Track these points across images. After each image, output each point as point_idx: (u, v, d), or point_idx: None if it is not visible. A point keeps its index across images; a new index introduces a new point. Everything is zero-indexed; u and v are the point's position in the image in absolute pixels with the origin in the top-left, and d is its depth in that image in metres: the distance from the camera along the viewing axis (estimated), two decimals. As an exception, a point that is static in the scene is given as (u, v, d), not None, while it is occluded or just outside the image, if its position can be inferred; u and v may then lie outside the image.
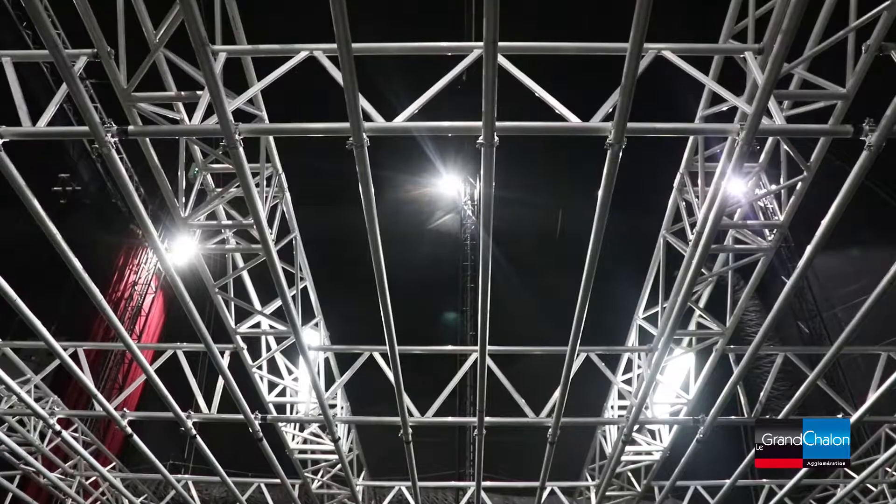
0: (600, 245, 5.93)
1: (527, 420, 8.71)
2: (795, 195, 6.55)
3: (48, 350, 7.97)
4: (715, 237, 6.29)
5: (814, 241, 6.12)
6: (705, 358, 8.69)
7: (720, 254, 7.65)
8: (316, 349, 8.95)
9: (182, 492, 11.46)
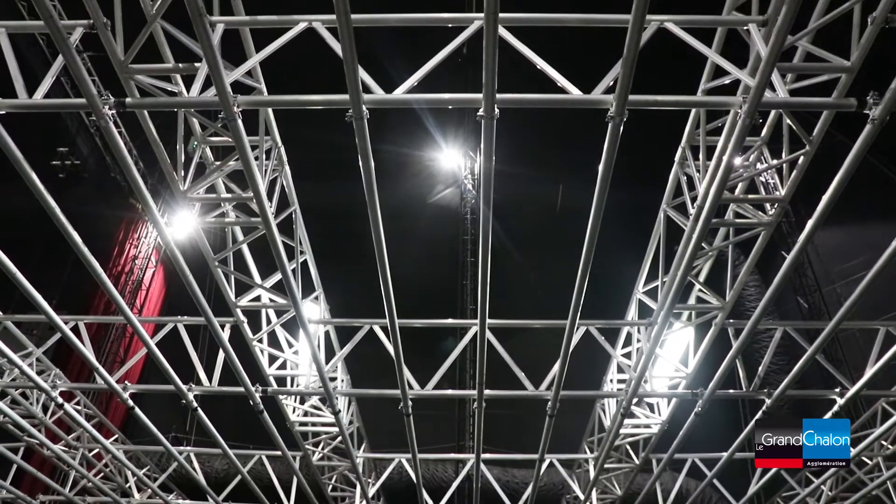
0: (600, 219, 5.91)
1: (526, 393, 8.76)
2: (797, 170, 6.52)
3: (49, 324, 7.99)
4: (715, 211, 6.27)
5: (815, 216, 6.10)
6: (704, 332, 8.72)
7: (720, 228, 7.64)
8: (316, 322, 8.97)
9: (184, 463, 11.56)
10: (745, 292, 19.85)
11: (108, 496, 13.13)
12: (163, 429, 10.59)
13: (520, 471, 17.11)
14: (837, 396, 9.07)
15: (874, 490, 12.05)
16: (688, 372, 9.34)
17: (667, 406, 10.50)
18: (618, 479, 13.70)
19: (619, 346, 9.79)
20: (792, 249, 6.65)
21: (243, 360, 8.59)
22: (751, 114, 5.13)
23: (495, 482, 12.97)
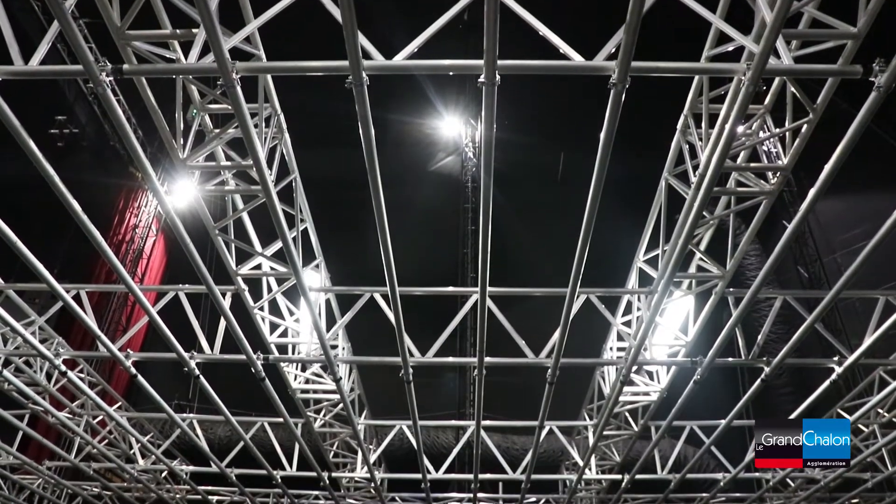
0: (601, 187, 5.89)
1: (526, 360, 8.81)
2: (800, 138, 6.48)
3: (51, 293, 8.01)
4: (717, 180, 6.24)
5: (817, 185, 6.07)
6: (704, 301, 8.74)
7: (722, 197, 7.61)
8: (317, 290, 9.00)
9: (187, 430, 11.68)
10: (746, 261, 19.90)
11: (113, 462, 13.29)
12: (165, 396, 10.68)
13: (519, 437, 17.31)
14: (836, 365, 9.13)
15: (869, 457, 12.19)
16: (687, 340, 9.38)
17: (666, 374, 10.58)
18: (616, 445, 13.88)
19: (620, 315, 9.83)
20: (793, 219, 6.64)
21: (244, 329, 8.63)
22: (754, 81, 5.07)
23: (495, 448, 13.13)
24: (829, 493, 14.80)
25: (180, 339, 8.82)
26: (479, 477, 12.82)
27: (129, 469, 13.65)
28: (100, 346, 9.02)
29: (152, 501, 15.93)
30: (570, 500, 15.23)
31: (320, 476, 13.11)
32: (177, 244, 7.35)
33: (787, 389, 18.42)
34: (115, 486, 15.03)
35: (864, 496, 14.66)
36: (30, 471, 14.17)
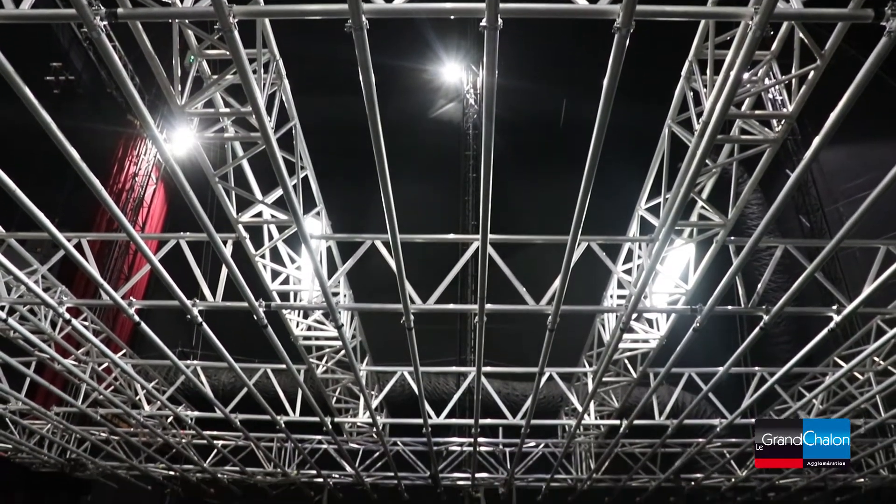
0: (604, 134, 5.83)
1: (527, 308, 8.86)
2: (806, 85, 6.38)
3: (53, 242, 8.01)
4: (721, 127, 6.18)
5: (821, 134, 6.00)
6: (705, 249, 8.74)
7: (725, 145, 7.55)
8: (318, 238, 9.01)
9: (191, 377, 11.83)
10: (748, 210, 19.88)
11: (119, 408, 13.50)
12: (169, 344, 10.79)
13: (520, 384, 17.57)
14: (834, 314, 9.18)
15: (863, 403, 12.38)
16: (687, 288, 9.42)
17: (665, 321, 10.66)
18: (615, 392, 14.07)
19: (620, 263, 9.85)
20: (796, 167, 6.59)
21: (246, 276, 8.67)
22: (762, 25, 4.97)
23: (496, 394, 13.31)
24: (823, 439, 15.09)
25: (182, 288, 8.86)
26: (479, 422, 13.04)
27: (135, 415, 13.88)
28: (103, 295, 9.06)
29: (159, 446, 16.26)
30: (569, 445, 15.52)
31: (323, 421, 13.33)
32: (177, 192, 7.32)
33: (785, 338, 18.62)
34: (122, 431, 15.33)
35: (857, 441, 14.93)
36: (38, 416, 14.43)
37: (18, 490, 16.78)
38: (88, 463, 16.90)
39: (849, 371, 11.58)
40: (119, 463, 17.10)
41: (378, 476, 18.28)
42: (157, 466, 17.66)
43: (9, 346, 11.57)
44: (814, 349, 10.21)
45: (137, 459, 16.94)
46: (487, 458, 17.63)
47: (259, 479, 18.49)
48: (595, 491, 18.35)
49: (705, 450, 16.04)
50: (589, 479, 17.30)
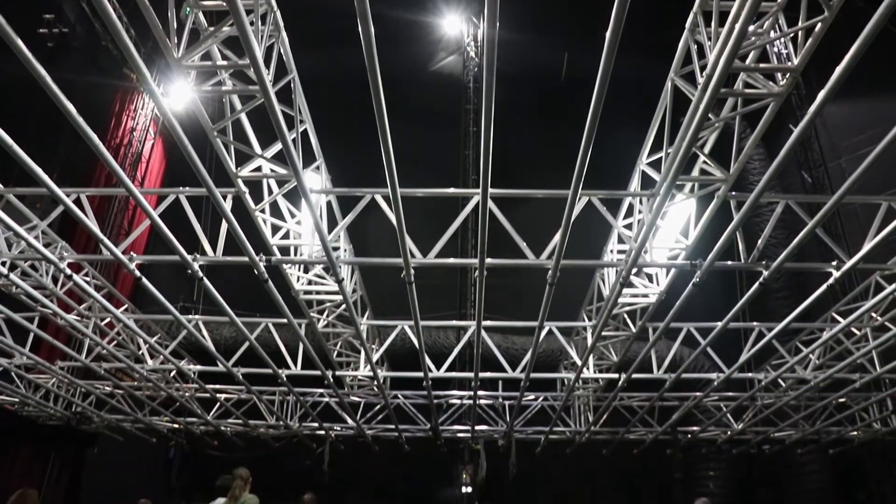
0: (606, 88, 5.75)
1: (527, 262, 8.87)
2: (812, 38, 6.29)
3: (52, 197, 7.98)
4: (725, 81, 6.10)
5: (826, 88, 5.92)
6: (706, 204, 8.72)
7: (728, 99, 7.47)
8: (318, 192, 8.98)
9: (193, 331, 11.91)
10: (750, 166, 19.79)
11: (122, 362, 13.64)
12: (171, 299, 10.83)
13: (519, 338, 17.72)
14: (834, 269, 9.20)
15: (860, 359, 12.50)
16: (688, 243, 9.43)
17: (665, 276, 10.70)
18: (614, 346, 14.20)
19: (621, 217, 9.84)
20: (800, 122, 6.52)
21: (246, 231, 8.66)
22: (769, -26, 4.87)
23: (495, 348, 13.42)
24: (818, 393, 15.29)
25: (183, 243, 8.87)
26: (479, 375, 13.17)
27: (138, 369, 14.03)
28: (103, 250, 9.07)
29: (162, 399, 16.47)
30: (568, 398, 15.73)
31: (324, 375, 13.47)
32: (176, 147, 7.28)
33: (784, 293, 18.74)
34: (126, 385, 15.51)
35: (852, 395, 15.14)
36: (43, 371, 14.59)
37: (26, 442, 17.05)
38: (94, 416, 17.15)
39: (846, 326, 11.67)
40: (124, 416, 17.35)
41: (379, 428, 18.57)
42: (162, 419, 17.93)
43: (11, 302, 11.63)
44: (812, 305, 10.27)
45: (142, 413, 17.18)
46: (487, 411, 17.88)
47: (262, 432, 18.79)
48: (593, 443, 18.66)
49: (702, 403, 16.27)
50: (587, 431, 17.58)
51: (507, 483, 18.57)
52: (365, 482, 20.01)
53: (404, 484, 20.46)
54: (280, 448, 19.56)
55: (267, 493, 8.59)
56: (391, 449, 19.39)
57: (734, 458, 19.45)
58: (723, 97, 7.05)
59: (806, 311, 10.46)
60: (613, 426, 17.74)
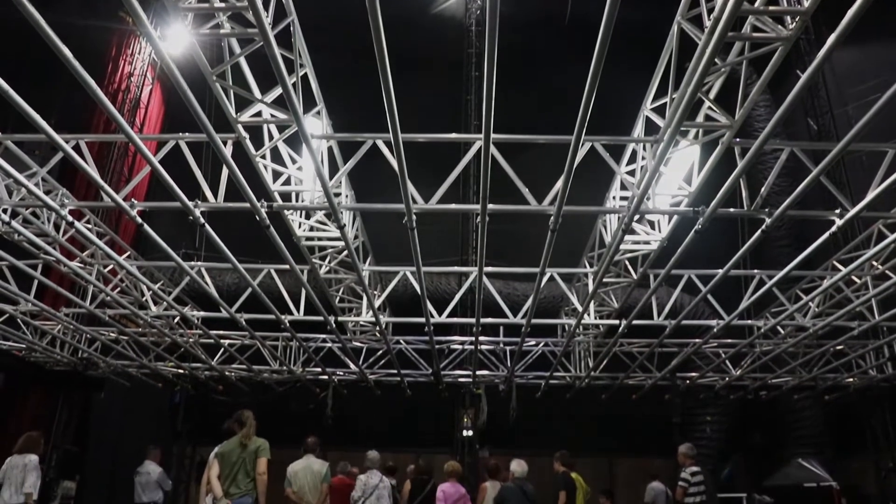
0: (611, 31, 5.64)
1: (529, 208, 8.85)
2: (823, -23, 6.13)
3: (51, 144, 7.92)
4: (732, 24, 5.97)
5: (836, 32, 5.80)
6: (710, 151, 8.65)
7: (735, 43, 7.33)
8: (318, 138, 8.91)
9: (196, 278, 11.97)
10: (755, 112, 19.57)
11: (126, 309, 13.75)
12: (173, 246, 10.85)
13: (521, 284, 17.81)
14: (836, 217, 9.18)
15: (859, 307, 12.57)
16: (691, 190, 9.39)
17: (667, 223, 10.68)
18: (615, 292, 14.26)
19: (624, 164, 9.78)
20: (808, 68, 6.41)
21: (247, 177, 8.62)
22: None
23: (497, 294, 13.49)
24: (816, 340, 15.43)
25: (183, 190, 8.84)
26: (480, 321, 13.28)
27: (142, 315, 14.15)
28: (104, 197, 9.04)
29: (167, 345, 16.66)
30: (569, 344, 15.89)
31: (327, 320, 13.58)
32: (174, 93, 7.19)
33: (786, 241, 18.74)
34: (130, 332, 15.66)
35: (849, 343, 15.28)
36: (48, 317, 14.72)
37: (34, 387, 17.33)
38: (100, 362, 17.37)
39: (847, 275, 11.71)
40: (129, 362, 17.58)
41: (381, 373, 18.83)
42: (167, 365, 18.17)
43: (14, 249, 11.66)
44: (813, 253, 10.28)
45: (147, 358, 17.40)
46: (488, 357, 18.09)
47: (266, 377, 19.06)
48: (593, 388, 18.92)
49: (701, 350, 16.44)
50: (587, 376, 17.81)
51: (507, 427, 18.90)
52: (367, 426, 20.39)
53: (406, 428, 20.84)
54: (284, 393, 19.86)
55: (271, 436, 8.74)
56: (393, 393, 19.69)
57: (731, 403, 19.75)
58: (730, 41, 6.92)
59: (807, 259, 10.47)
60: (613, 372, 17.97)
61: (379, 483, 11.25)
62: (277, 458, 9.13)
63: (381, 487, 11.24)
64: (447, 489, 11.31)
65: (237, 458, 8.40)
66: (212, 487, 8.35)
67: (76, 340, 16.45)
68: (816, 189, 8.95)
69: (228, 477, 8.31)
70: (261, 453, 8.54)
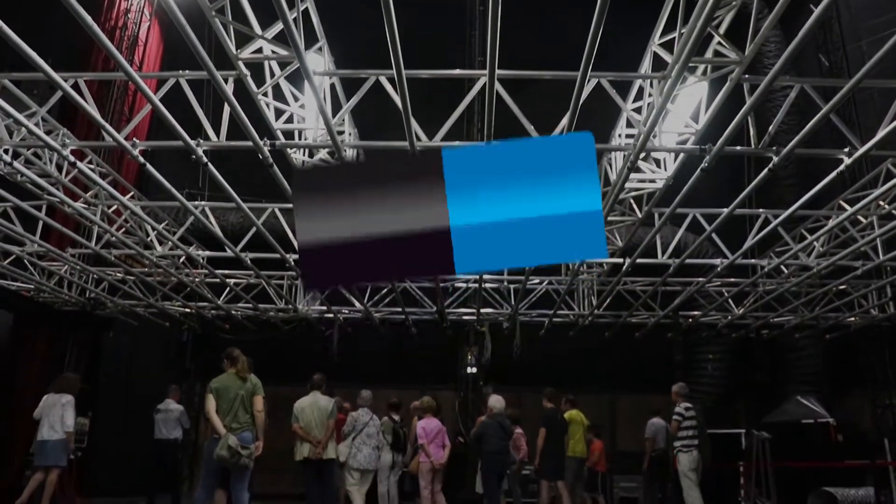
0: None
1: (534, 147, 8.75)
2: None
3: (49, 83, 7.82)
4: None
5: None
6: (718, 88, 8.50)
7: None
8: (320, 74, 8.77)
9: (200, 217, 11.97)
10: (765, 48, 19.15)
11: (132, 249, 13.81)
12: (176, 186, 10.83)
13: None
14: (845, 156, 9.07)
15: (863, 246, 12.55)
16: (698, 128, 9.28)
17: (673, 162, 10.58)
18: (619, 231, 14.20)
19: (630, 101, 9.63)
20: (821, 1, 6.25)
21: (249, 116, 8.54)
22: None
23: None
24: (819, 280, 15.47)
25: (185, 130, 8.76)
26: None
27: (147, 255, 14.21)
28: (105, 136, 8.98)
29: (173, 285, 16.79)
30: (572, 283, 15.97)
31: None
32: (173, 29, 7.04)
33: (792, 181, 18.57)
34: (136, 271, 15.75)
35: (852, 282, 15.32)
36: (55, 258, 14.80)
37: (44, 327, 17.54)
38: (107, 302, 17.54)
39: (853, 214, 11.65)
40: (136, 301, 17.74)
41: (386, 311, 19.00)
42: (174, 304, 18.34)
43: (18, 190, 11.65)
44: (820, 192, 10.21)
45: (154, 298, 17.55)
46: (492, 295, 18.21)
47: (272, 315, 19.25)
48: (596, 326, 19.10)
49: (704, 289, 16.51)
50: (590, 315, 17.97)
51: (510, 364, 19.16)
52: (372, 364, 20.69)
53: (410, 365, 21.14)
54: (290, 331, 20.10)
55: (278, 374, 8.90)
56: (398, 331, 19.92)
57: (733, 342, 19.95)
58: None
59: (813, 198, 10.41)
60: (616, 310, 18.12)
61: (369, 420, 11.72)
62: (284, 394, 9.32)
63: (371, 425, 11.71)
64: (426, 424, 11.69)
65: (235, 394, 8.59)
66: (213, 423, 8.53)
67: (83, 281, 16.57)
68: (825, 128, 8.83)
69: (229, 413, 8.51)
70: (257, 391, 8.77)
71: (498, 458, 11.00)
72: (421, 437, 11.56)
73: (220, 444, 8.33)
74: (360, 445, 11.40)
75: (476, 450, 11.24)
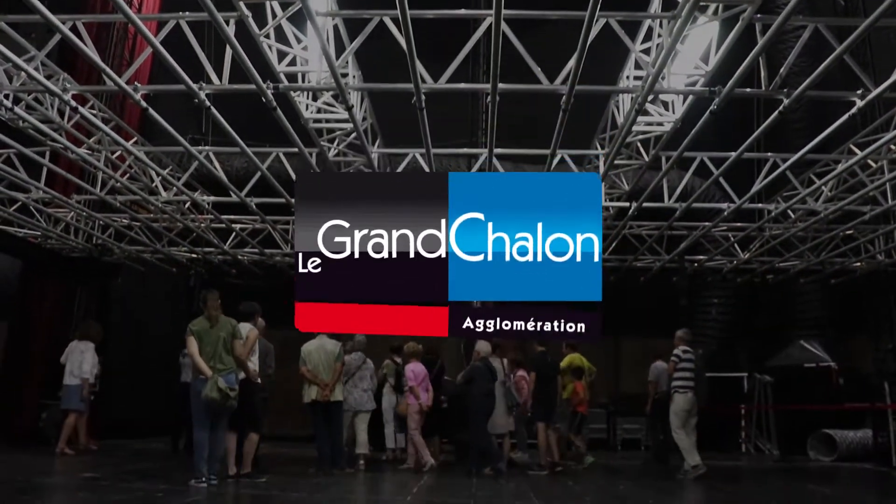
0: None
1: (541, 87, 8.62)
2: None
3: (47, 26, 7.69)
4: None
5: None
6: (729, 29, 8.32)
7: None
8: (323, 15, 8.60)
9: (205, 162, 11.91)
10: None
11: (137, 194, 13.80)
12: (179, 132, 10.75)
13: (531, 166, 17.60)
14: (857, 98, 8.91)
15: (872, 191, 12.45)
16: (707, 70, 9.11)
17: (682, 104, 10.42)
18: (626, 174, 14.07)
19: (639, 42, 9.44)
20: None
21: (252, 59, 8.41)
22: None
23: (508, 175, 13.38)
24: (826, 225, 15.39)
25: (187, 73, 8.65)
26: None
27: (153, 200, 14.21)
28: (107, 81, 8.87)
29: (179, 230, 16.82)
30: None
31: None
32: (171, -32, 6.90)
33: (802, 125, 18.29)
34: (142, 217, 15.78)
35: (859, 227, 15.24)
36: (60, 205, 14.81)
37: (52, 273, 17.65)
38: (114, 248, 17.60)
39: (863, 158, 11.52)
40: (143, 247, 17.80)
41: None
42: (180, 250, 18.39)
43: (21, 136, 11.58)
44: (829, 137, 10.07)
45: (160, 243, 17.61)
46: (499, 239, 18.15)
47: (278, 260, 19.30)
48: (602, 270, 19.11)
49: (711, 233, 16.46)
50: (596, 260, 17.94)
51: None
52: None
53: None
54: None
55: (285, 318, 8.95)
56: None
57: (738, 286, 19.99)
58: None
59: (823, 142, 10.28)
60: (622, 254, 18.12)
61: (362, 364, 12.01)
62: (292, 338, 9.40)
63: (364, 368, 12.02)
64: (415, 368, 11.92)
65: (214, 337, 8.74)
66: (199, 365, 8.67)
67: (90, 227, 16.61)
68: (838, 70, 8.64)
69: (213, 356, 8.67)
70: (237, 334, 8.93)
71: (486, 400, 11.32)
72: (410, 379, 11.81)
73: (208, 386, 8.48)
74: (350, 388, 11.65)
75: (464, 392, 11.55)
